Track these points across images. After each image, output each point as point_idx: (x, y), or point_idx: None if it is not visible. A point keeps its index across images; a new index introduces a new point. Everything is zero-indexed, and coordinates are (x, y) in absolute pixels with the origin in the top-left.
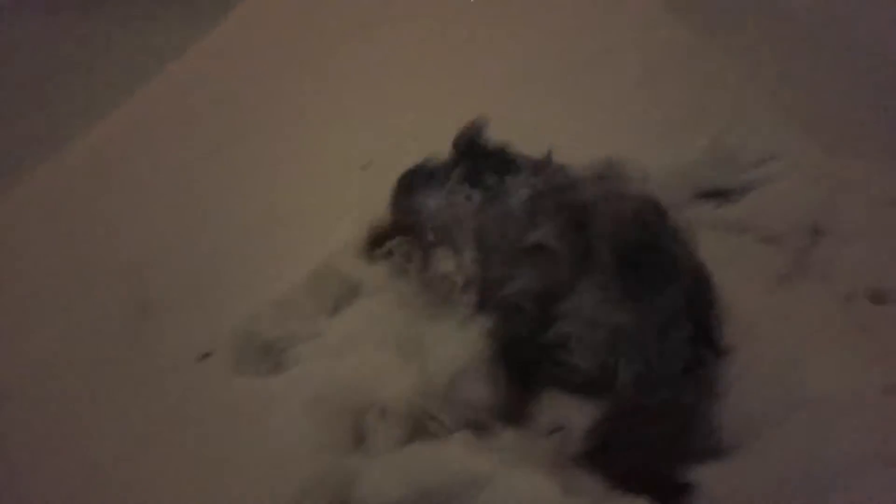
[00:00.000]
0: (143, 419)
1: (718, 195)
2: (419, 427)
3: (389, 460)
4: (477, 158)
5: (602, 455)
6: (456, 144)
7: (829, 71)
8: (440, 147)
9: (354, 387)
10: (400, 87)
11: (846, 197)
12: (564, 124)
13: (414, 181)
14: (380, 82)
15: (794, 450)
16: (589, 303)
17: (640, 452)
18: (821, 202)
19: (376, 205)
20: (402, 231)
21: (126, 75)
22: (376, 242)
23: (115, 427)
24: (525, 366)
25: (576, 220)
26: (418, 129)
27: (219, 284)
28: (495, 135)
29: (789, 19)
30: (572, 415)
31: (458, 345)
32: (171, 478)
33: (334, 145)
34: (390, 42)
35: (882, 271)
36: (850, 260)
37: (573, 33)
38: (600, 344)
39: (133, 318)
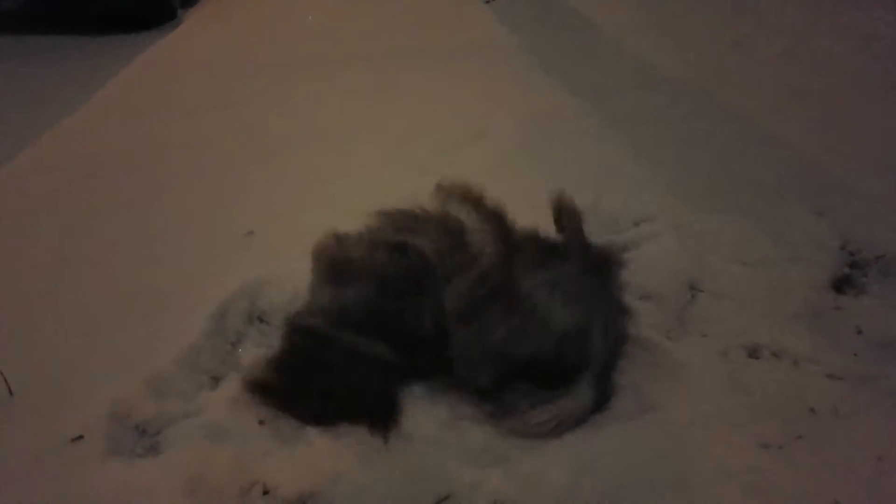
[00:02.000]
0: None
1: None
2: None
3: None
4: None
5: None
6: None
7: (702, 138)
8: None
9: (236, 466)
10: (282, 159)
11: (719, 256)
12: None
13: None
14: (261, 152)
15: None
16: None
17: None
18: (696, 261)
19: (257, 272)
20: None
21: None
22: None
23: None
24: None
25: None
26: (303, 198)
27: (89, 365)
28: (385, 203)
29: (666, 91)
30: None
31: None
32: None
33: (214, 214)
34: (267, 115)
35: (755, 327)
36: (724, 316)
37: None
38: None
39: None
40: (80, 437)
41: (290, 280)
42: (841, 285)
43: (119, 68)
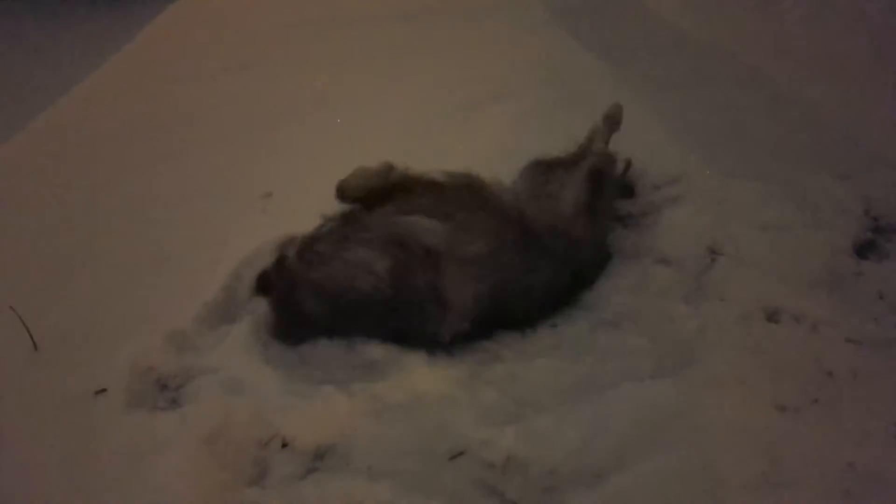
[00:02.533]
0: (36, 458)
1: (618, 219)
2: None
3: (289, 493)
4: None
5: None
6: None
7: (724, 102)
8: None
9: (255, 419)
10: (303, 119)
11: (740, 220)
12: (465, 153)
13: None
14: (283, 113)
15: (683, 471)
16: None
17: None
18: (716, 225)
19: (275, 233)
20: None
21: (15, 108)
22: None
23: (8, 465)
24: None
25: None
26: (321, 160)
27: (112, 319)
28: (403, 162)
29: (689, 55)
30: None
31: None
32: None
33: (233, 175)
34: (285, 77)
35: (775, 292)
36: (745, 281)
37: (477, 66)
38: None
39: (24, 355)
40: (104, 390)
41: None
42: (863, 250)
43: (134, 32)
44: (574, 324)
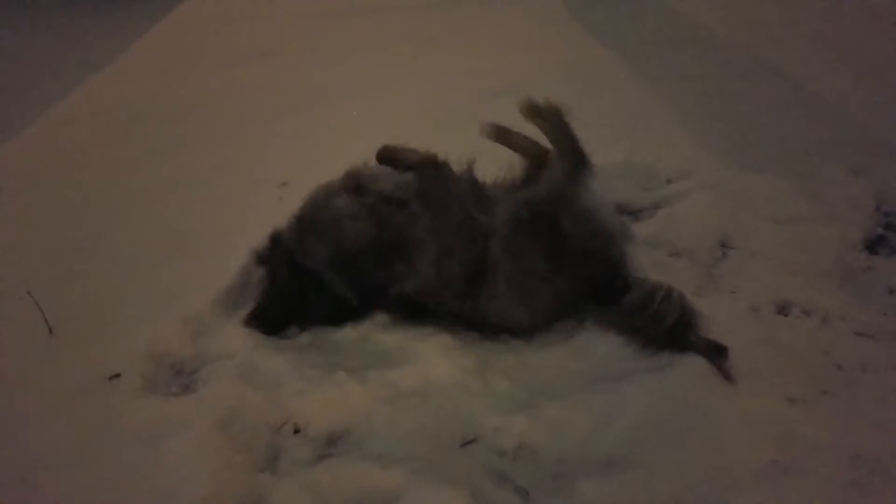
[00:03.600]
0: (51, 441)
1: (632, 211)
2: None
3: (301, 478)
4: None
5: None
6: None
7: (740, 95)
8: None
9: (268, 405)
10: (320, 107)
11: (752, 214)
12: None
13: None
14: (300, 101)
15: (694, 460)
16: None
17: None
18: (728, 218)
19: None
20: None
21: (37, 93)
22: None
23: (24, 447)
24: None
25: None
26: (336, 149)
27: (128, 305)
28: None
29: (706, 48)
30: None
31: None
32: (78, 499)
33: (250, 164)
34: (303, 65)
35: (786, 285)
36: (756, 273)
37: (493, 57)
38: None
39: (40, 340)
40: (118, 374)
41: None
42: (874, 245)
43: (155, 20)
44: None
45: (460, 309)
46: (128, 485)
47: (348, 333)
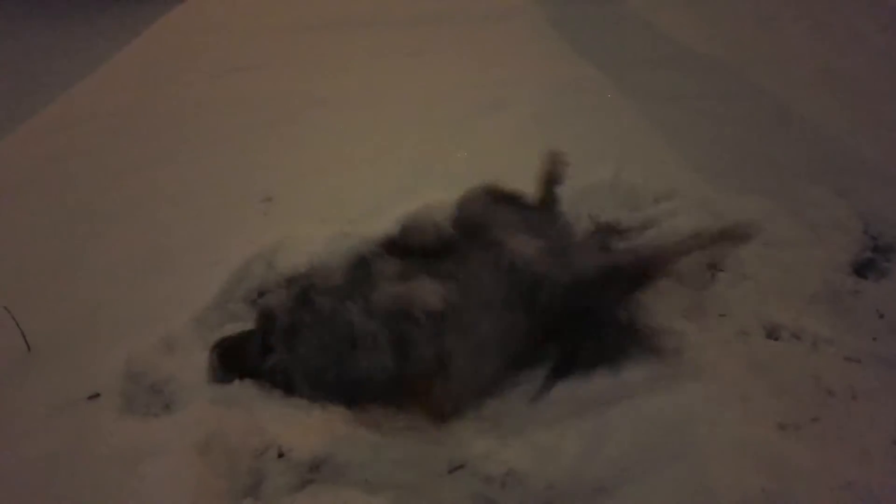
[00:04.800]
0: (27, 461)
1: (620, 231)
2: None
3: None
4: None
5: None
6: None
7: (725, 115)
8: (343, 181)
9: (250, 428)
10: (305, 121)
11: None
12: (464, 162)
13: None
14: (284, 115)
15: (682, 487)
16: None
17: None
18: None
19: (275, 238)
20: None
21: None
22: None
23: (2, 469)
24: None
25: None
26: (321, 164)
27: (107, 322)
28: (405, 170)
29: (690, 68)
30: None
31: None
32: None
33: (234, 178)
34: (289, 79)
35: (775, 308)
36: (745, 297)
37: (477, 74)
38: None
39: (17, 357)
40: (97, 394)
41: (308, 246)
42: (862, 269)
43: (141, 29)
44: None
45: None
46: None
47: None
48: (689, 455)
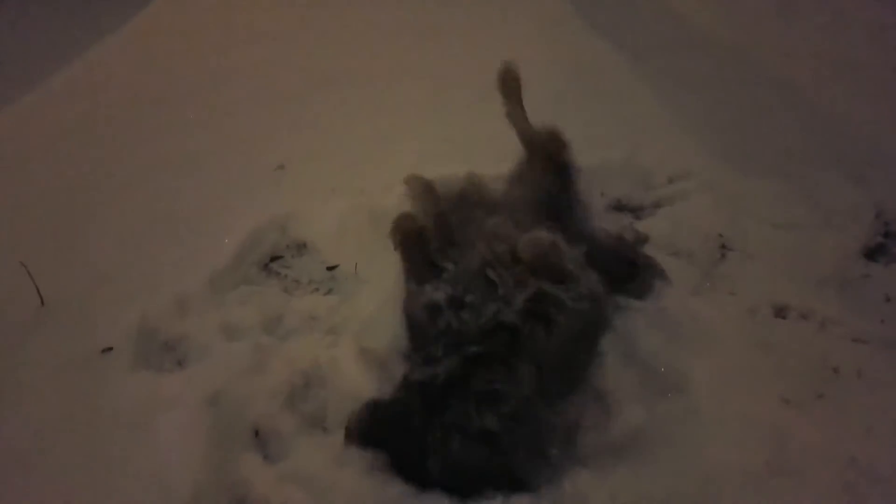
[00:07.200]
0: (39, 413)
1: (633, 208)
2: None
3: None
4: None
5: None
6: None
7: (742, 100)
8: (354, 155)
9: (257, 384)
10: (319, 93)
11: (752, 217)
12: (482, 139)
13: None
14: (299, 86)
15: (686, 460)
16: None
17: None
18: (728, 221)
19: (287, 206)
20: None
21: (30, 68)
22: None
23: (12, 419)
24: None
25: None
26: (334, 135)
27: (121, 280)
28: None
29: (708, 53)
30: None
31: None
32: (67, 476)
33: (248, 146)
34: (303, 52)
35: (784, 289)
36: (754, 276)
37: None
38: None
39: (32, 311)
40: (110, 348)
41: (318, 216)
42: (872, 253)
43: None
44: None
45: None
46: (117, 459)
47: None
48: (695, 430)
